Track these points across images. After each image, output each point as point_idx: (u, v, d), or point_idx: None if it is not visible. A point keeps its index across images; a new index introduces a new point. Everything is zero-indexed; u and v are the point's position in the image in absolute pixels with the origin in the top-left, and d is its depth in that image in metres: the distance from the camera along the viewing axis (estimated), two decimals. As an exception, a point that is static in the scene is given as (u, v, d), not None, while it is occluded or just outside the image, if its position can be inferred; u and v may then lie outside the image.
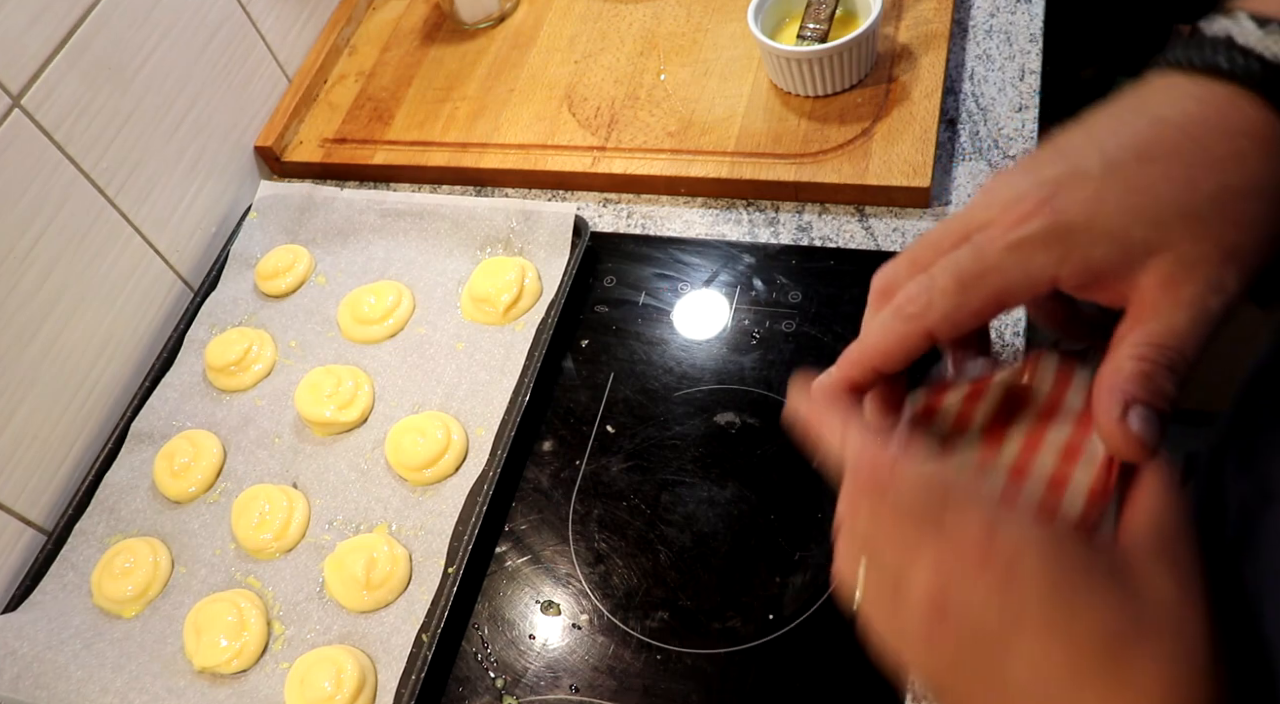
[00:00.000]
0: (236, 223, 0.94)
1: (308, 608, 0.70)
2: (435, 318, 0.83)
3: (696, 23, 0.98)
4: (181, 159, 0.89)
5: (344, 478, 0.76)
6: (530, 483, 0.74)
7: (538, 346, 0.78)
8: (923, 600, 0.35)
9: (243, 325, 0.87)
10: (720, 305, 0.80)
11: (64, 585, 0.74)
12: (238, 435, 0.80)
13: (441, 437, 0.74)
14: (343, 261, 0.89)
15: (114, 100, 0.81)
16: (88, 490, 0.79)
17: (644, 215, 0.88)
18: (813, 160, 0.84)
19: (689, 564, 0.68)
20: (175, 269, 0.90)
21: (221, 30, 0.92)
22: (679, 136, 0.89)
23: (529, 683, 0.65)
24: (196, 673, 0.68)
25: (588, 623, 0.67)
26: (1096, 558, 0.34)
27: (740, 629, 0.64)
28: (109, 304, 0.83)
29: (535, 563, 0.70)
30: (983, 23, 0.93)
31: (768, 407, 0.73)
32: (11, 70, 0.72)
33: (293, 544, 0.73)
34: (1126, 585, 0.33)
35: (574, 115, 0.94)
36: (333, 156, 0.97)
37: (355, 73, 1.04)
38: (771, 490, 0.70)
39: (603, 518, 0.71)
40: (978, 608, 0.33)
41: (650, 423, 0.75)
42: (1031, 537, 0.34)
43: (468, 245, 0.86)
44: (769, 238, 0.83)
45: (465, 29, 1.04)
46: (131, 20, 0.83)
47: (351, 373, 0.80)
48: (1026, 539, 0.34)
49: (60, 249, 0.78)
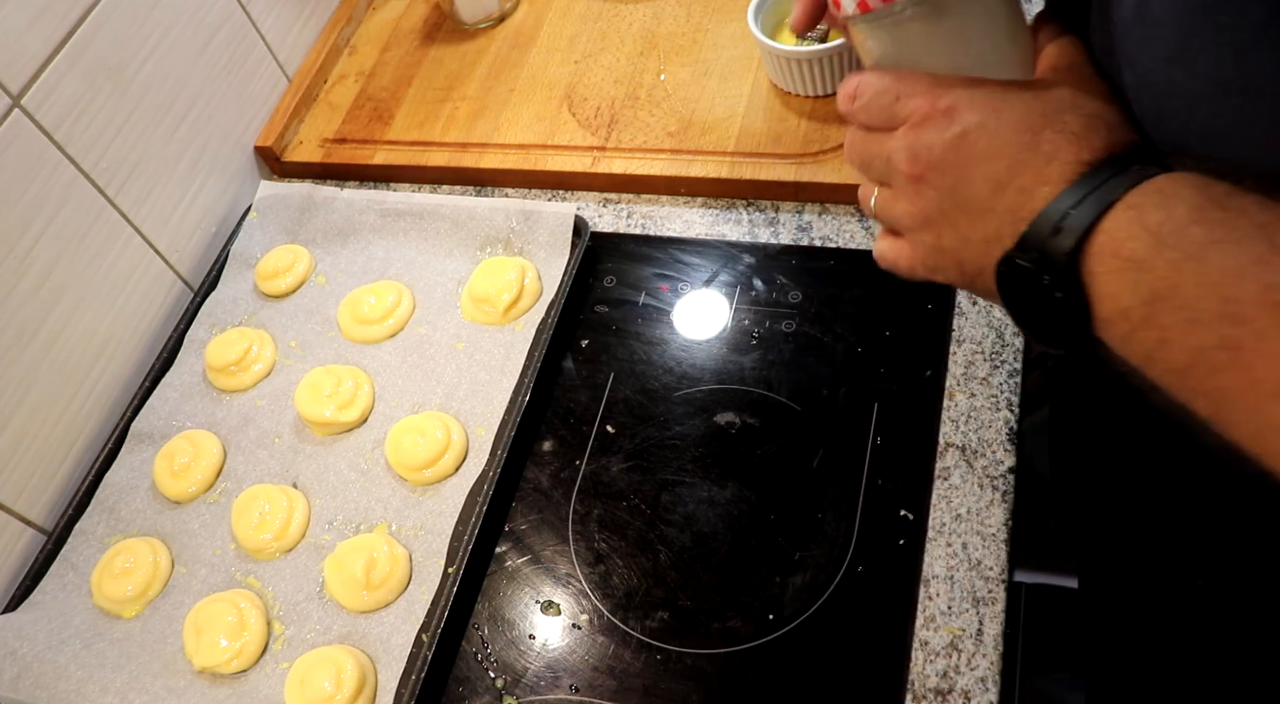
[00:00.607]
0: (236, 223, 0.94)
1: (308, 608, 0.70)
2: (435, 318, 0.83)
3: (696, 23, 0.98)
4: (181, 159, 0.89)
5: (344, 478, 0.76)
6: (530, 483, 0.74)
7: (538, 346, 0.78)
8: (903, 168, 0.44)
9: (243, 325, 0.87)
10: (720, 305, 0.80)
11: (64, 585, 0.74)
12: (238, 435, 0.80)
13: (441, 437, 0.74)
14: (343, 261, 0.89)
15: (114, 100, 0.81)
16: (88, 490, 0.79)
17: (644, 215, 0.88)
18: (813, 160, 0.84)
19: (689, 564, 0.68)
20: (175, 269, 0.90)
21: (221, 30, 0.92)
22: (679, 136, 0.89)
23: (529, 683, 0.65)
24: (196, 673, 0.68)
25: (588, 623, 0.67)
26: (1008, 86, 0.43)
27: (740, 629, 0.64)
28: (109, 304, 0.83)
29: (535, 563, 0.70)
30: (983, 23, 0.93)
31: (768, 407, 0.73)
32: (11, 70, 0.72)
33: (293, 544, 0.73)
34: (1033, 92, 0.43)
35: (574, 115, 0.94)
36: (333, 156, 0.97)
37: (355, 73, 1.04)
38: (771, 490, 0.70)
39: (603, 518, 0.71)
40: (939, 147, 0.43)
41: (650, 423, 0.75)
42: (960, 89, 0.43)
43: (468, 245, 0.86)
44: (769, 238, 0.83)
45: (465, 29, 1.04)
46: (131, 20, 0.83)
47: (351, 373, 0.80)
48: (958, 92, 0.43)
49: (60, 249, 0.78)
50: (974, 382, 0.71)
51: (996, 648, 0.61)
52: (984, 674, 0.60)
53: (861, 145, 0.47)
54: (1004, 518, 0.65)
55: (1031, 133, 0.41)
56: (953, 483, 0.67)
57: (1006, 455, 0.68)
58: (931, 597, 0.63)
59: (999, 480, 0.67)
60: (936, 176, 0.43)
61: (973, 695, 0.59)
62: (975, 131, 0.42)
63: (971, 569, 0.64)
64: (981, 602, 0.62)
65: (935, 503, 0.67)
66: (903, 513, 0.67)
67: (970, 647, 0.61)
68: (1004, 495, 0.66)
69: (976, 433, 0.69)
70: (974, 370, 0.72)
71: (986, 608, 0.62)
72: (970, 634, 0.61)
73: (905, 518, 0.66)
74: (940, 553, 0.65)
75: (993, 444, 0.68)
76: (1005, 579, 0.63)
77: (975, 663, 0.61)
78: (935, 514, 0.66)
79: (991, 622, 0.62)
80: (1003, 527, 0.65)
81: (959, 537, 0.65)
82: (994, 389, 0.71)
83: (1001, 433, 0.69)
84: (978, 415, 0.70)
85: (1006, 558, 0.64)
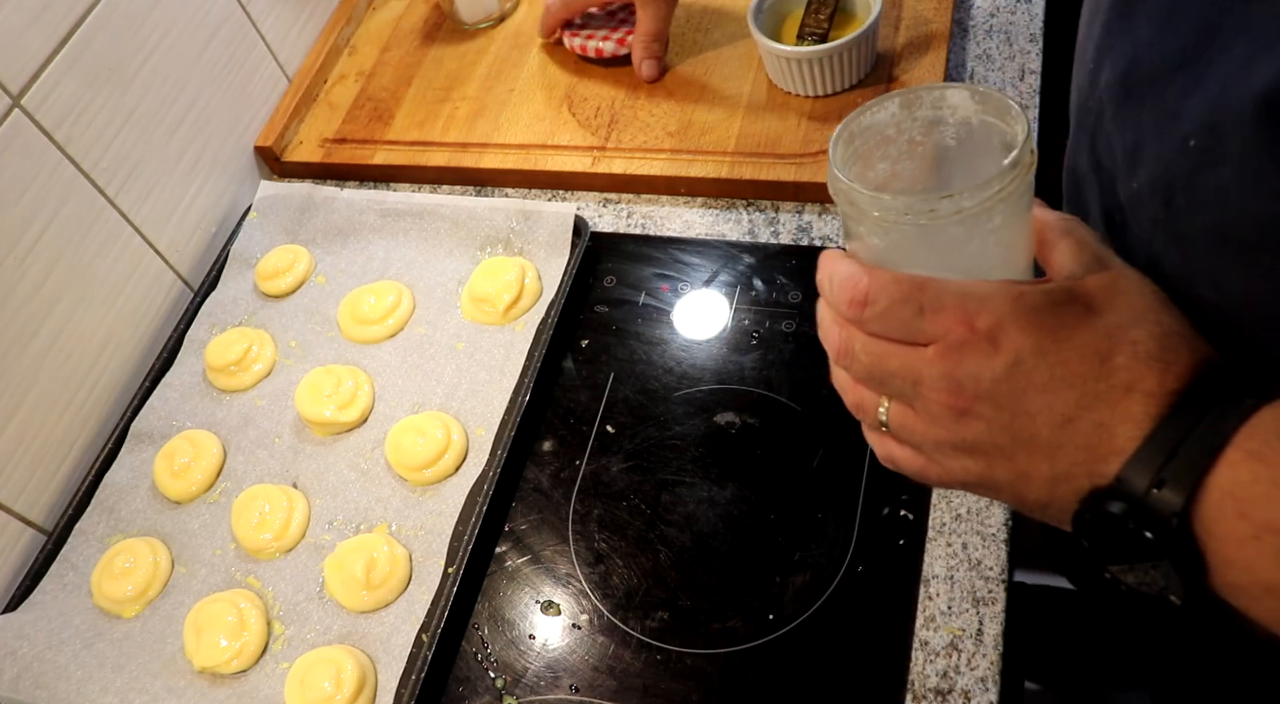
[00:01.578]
0: (236, 223, 0.94)
1: (308, 608, 0.70)
2: (435, 318, 0.83)
3: (696, 23, 0.98)
4: (181, 159, 0.89)
5: (344, 478, 0.76)
6: (530, 483, 0.74)
7: (538, 346, 0.78)
8: (941, 397, 0.39)
9: (243, 325, 0.87)
10: (720, 305, 0.80)
11: (64, 585, 0.74)
12: (238, 435, 0.80)
13: (441, 436, 0.74)
14: (343, 261, 0.89)
15: (114, 100, 0.81)
16: (88, 490, 0.79)
17: (644, 215, 0.88)
18: (813, 160, 0.84)
19: (689, 564, 0.68)
20: (175, 269, 0.90)
21: (221, 30, 0.92)
22: (679, 136, 0.89)
23: (529, 683, 0.65)
24: (196, 673, 0.68)
25: (588, 623, 0.67)
26: (1053, 296, 0.38)
27: (740, 629, 0.64)
28: (109, 304, 0.83)
29: (535, 563, 0.70)
30: (983, 23, 0.93)
31: (768, 407, 0.73)
32: (11, 70, 0.72)
33: (293, 544, 0.73)
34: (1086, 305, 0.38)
35: (574, 115, 0.94)
36: (333, 156, 0.97)
37: (355, 73, 1.04)
38: (771, 490, 0.70)
39: (603, 518, 0.71)
40: (986, 381, 0.37)
41: (650, 423, 0.75)
42: (1000, 304, 0.38)
43: (468, 245, 0.86)
44: (769, 238, 0.83)
45: (465, 29, 1.04)
46: (131, 20, 0.83)
47: (351, 373, 0.80)
48: (996, 309, 0.37)
49: (60, 249, 0.78)
50: (974, 382, 0.71)
51: (996, 648, 0.61)
52: (984, 674, 0.60)
53: (875, 357, 0.40)
54: (1004, 518, 0.65)
55: (1100, 359, 0.36)
56: (953, 483, 0.67)
57: (1006, 455, 0.68)
58: (931, 597, 0.63)
59: (999, 480, 0.67)
60: (987, 410, 0.38)
61: (973, 695, 0.59)
62: (1031, 361, 0.37)
63: (971, 569, 0.64)
64: (981, 602, 0.62)
65: (935, 503, 0.67)
66: (903, 513, 0.67)
67: (970, 647, 0.61)
68: (1004, 495, 0.66)
69: (976, 433, 0.69)
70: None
71: (986, 608, 0.62)
72: (970, 634, 0.61)
73: (905, 518, 0.66)
74: (940, 553, 0.65)
75: (993, 444, 0.68)
76: (1005, 579, 0.63)
77: (975, 663, 0.61)
78: (935, 514, 0.66)
79: (991, 622, 0.62)
80: (1003, 527, 0.65)
81: (959, 537, 0.65)
82: (994, 389, 0.70)
83: (1001, 433, 0.69)
84: (978, 415, 0.70)
85: (1006, 558, 0.64)
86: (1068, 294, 0.38)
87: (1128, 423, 0.35)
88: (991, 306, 0.37)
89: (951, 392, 0.38)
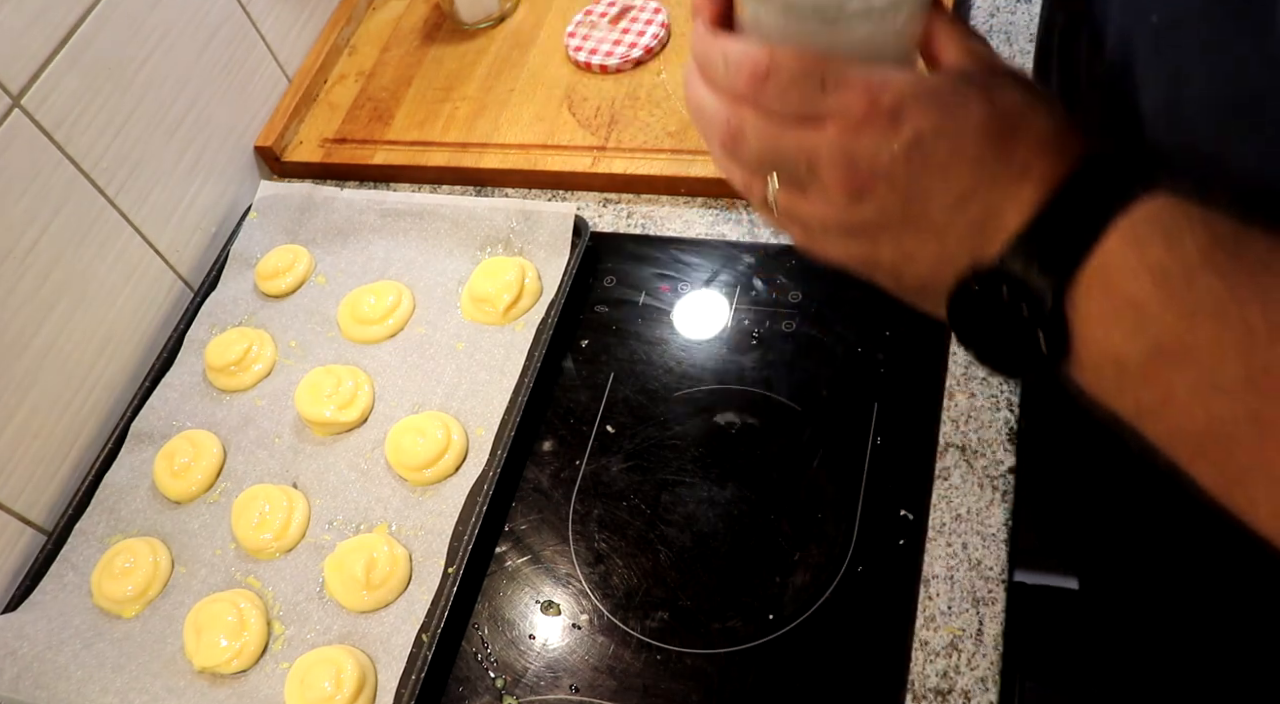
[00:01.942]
0: (236, 223, 0.94)
1: (308, 608, 0.70)
2: (435, 318, 0.83)
3: (696, 23, 0.98)
4: (181, 159, 0.89)
5: (344, 478, 0.76)
6: (530, 483, 0.74)
7: (538, 346, 0.78)
8: (836, 175, 0.38)
9: (243, 325, 0.87)
10: (720, 305, 0.80)
11: (64, 585, 0.74)
12: (238, 435, 0.80)
13: (441, 436, 0.74)
14: (343, 261, 0.89)
15: (114, 100, 0.81)
16: (88, 490, 0.79)
17: (644, 215, 0.88)
18: (813, 160, 0.83)
19: (689, 564, 0.68)
20: (175, 269, 0.90)
21: (221, 30, 0.92)
22: (679, 136, 0.89)
23: (529, 683, 0.65)
24: (196, 673, 0.68)
25: (588, 623, 0.67)
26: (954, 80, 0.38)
27: (740, 629, 0.64)
28: (109, 304, 0.83)
29: (535, 563, 0.70)
30: (983, 23, 0.93)
31: (768, 407, 0.73)
32: (11, 70, 0.72)
33: (293, 544, 0.73)
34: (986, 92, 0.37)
35: (574, 115, 0.94)
36: (333, 156, 0.97)
37: (355, 73, 1.04)
38: (771, 490, 0.70)
39: (603, 518, 0.71)
40: (885, 159, 0.37)
41: (650, 423, 0.75)
42: (903, 84, 0.37)
43: (468, 245, 0.86)
44: (769, 238, 0.83)
45: (465, 29, 1.04)
46: (131, 20, 0.83)
47: (351, 373, 0.80)
48: (900, 88, 0.37)
49: (60, 249, 0.78)
50: (974, 381, 0.71)
51: (996, 648, 0.61)
52: (984, 674, 0.60)
53: (765, 136, 0.39)
54: (1004, 518, 0.65)
55: (997, 142, 0.36)
56: (953, 483, 0.67)
57: (1006, 455, 0.68)
58: (931, 597, 0.63)
59: (999, 480, 0.67)
60: (882, 189, 0.38)
61: (973, 695, 0.59)
62: (931, 141, 0.37)
63: (971, 569, 0.64)
64: (981, 602, 0.62)
65: (935, 503, 0.67)
66: (903, 513, 0.67)
67: (970, 647, 0.61)
68: (1004, 495, 0.66)
69: (976, 433, 0.69)
70: (974, 370, 0.72)
71: (986, 608, 0.62)
72: (970, 634, 0.61)
73: (905, 518, 0.66)
74: (940, 553, 0.65)
75: (993, 444, 0.68)
76: (1005, 579, 0.63)
77: (975, 663, 0.61)
78: (935, 514, 0.66)
79: (991, 622, 0.62)
80: (1003, 527, 0.65)
81: (959, 537, 0.65)
82: (994, 389, 0.71)
83: (1001, 433, 0.69)
84: (978, 415, 0.70)
85: (1006, 558, 0.64)
86: (967, 79, 0.38)
87: (1017, 205, 0.36)
88: (895, 85, 0.37)
89: (848, 169, 0.38)
